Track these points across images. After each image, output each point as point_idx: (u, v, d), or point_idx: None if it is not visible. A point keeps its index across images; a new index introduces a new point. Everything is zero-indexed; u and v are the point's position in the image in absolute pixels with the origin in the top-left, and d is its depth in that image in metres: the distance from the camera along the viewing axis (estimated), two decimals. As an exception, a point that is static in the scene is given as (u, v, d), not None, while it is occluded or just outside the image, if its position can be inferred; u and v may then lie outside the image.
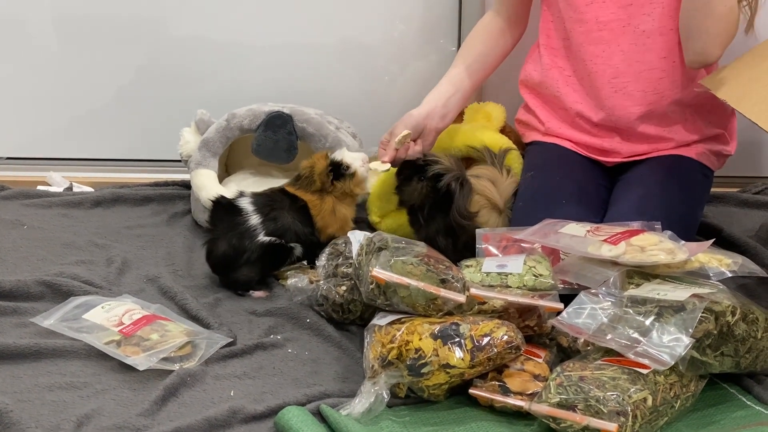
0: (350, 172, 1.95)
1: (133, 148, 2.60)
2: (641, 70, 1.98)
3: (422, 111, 2.02)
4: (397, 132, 1.97)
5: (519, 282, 1.68)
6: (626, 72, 1.99)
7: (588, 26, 1.98)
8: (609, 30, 1.97)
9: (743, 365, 1.51)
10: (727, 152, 2.11)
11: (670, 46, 1.96)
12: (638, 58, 1.97)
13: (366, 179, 2.00)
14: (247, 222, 1.89)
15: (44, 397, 1.52)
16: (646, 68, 1.98)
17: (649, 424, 1.40)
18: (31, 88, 2.55)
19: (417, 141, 2.01)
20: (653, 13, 1.94)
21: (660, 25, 1.94)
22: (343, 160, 1.95)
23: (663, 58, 1.97)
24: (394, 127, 1.99)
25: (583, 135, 2.09)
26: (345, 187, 1.96)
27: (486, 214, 1.96)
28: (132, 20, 2.49)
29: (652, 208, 1.87)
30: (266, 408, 1.50)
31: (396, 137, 1.95)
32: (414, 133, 1.99)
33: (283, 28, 2.51)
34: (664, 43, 1.95)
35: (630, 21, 1.96)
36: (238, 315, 1.83)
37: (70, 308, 1.75)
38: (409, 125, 1.98)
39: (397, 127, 1.98)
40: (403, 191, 1.99)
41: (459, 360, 1.49)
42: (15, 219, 2.22)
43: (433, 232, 1.95)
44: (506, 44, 2.15)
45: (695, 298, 1.46)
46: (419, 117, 2.01)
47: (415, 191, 1.96)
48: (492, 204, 1.97)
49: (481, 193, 1.97)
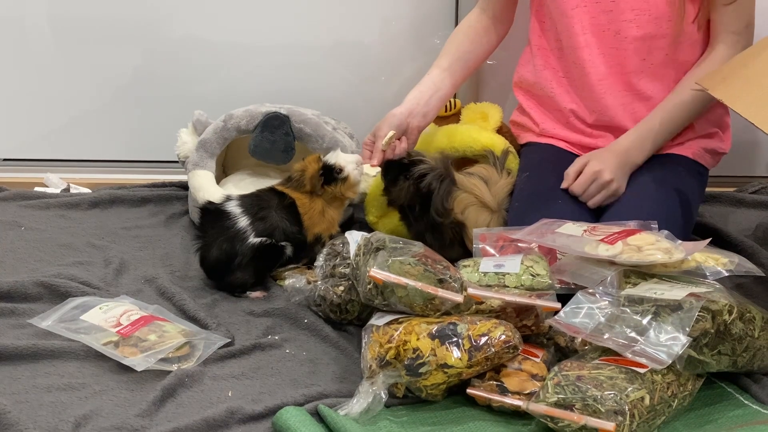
0: (342, 176, 1.95)
1: (130, 149, 2.60)
2: (624, 74, 2.00)
3: (404, 110, 2.03)
4: (381, 133, 1.98)
5: (516, 282, 1.69)
6: (610, 75, 2.01)
7: (574, 30, 2.00)
8: (591, 34, 1.99)
9: (740, 364, 1.51)
10: (722, 150, 2.11)
11: (651, 51, 1.98)
12: (619, 61, 2.00)
13: (359, 183, 2.00)
14: (236, 225, 1.89)
15: (42, 398, 1.52)
16: (627, 72, 2.00)
17: (646, 423, 1.40)
18: (27, 89, 2.55)
19: (401, 139, 2.02)
20: (634, 20, 1.96)
21: (640, 32, 1.96)
22: (336, 164, 1.95)
23: (642, 60, 1.99)
24: (377, 128, 2.00)
25: (578, 135, 2.09)
26: (336, 191, 1.96)
27: (474, 212, 1.96)
28: (129, 21, 2.49)
29: (648, 207, 1.87)
30: (264, 408, 1.50)
31: (381, 139, 1.96)
32: (398, 133, 2.00)
33: (280, 29, 2.51)
34: (646, 48, 1.97)
35: (609, 26, 1.97)
36: (236, 315, 1.83)
37: (68, 309, 1.75)
38: (393, 125, 1.99)
39: (381, 128, 1.99)
40: (390, 192, 2.00)
41: (457, 360, 1.49)
42: (12, 220, 2.22)
43: (422, 230, 1.97)
44: (490, 42, 2.16)
45: (692, 297, 1.46)
46: (402, 116, 2.01)
47: (402, 191, 1.97)
48: (481, 202, 1.97)
49: (470, 191, 1.97)
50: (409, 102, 2.05)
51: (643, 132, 1.97)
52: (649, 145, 1.97)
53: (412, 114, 2.04)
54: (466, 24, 2.17)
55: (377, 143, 1.97)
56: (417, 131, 2.06)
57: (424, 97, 2.06)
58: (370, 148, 1.99)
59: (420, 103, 2.05)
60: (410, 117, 2.03)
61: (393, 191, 1.99)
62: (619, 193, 1.92)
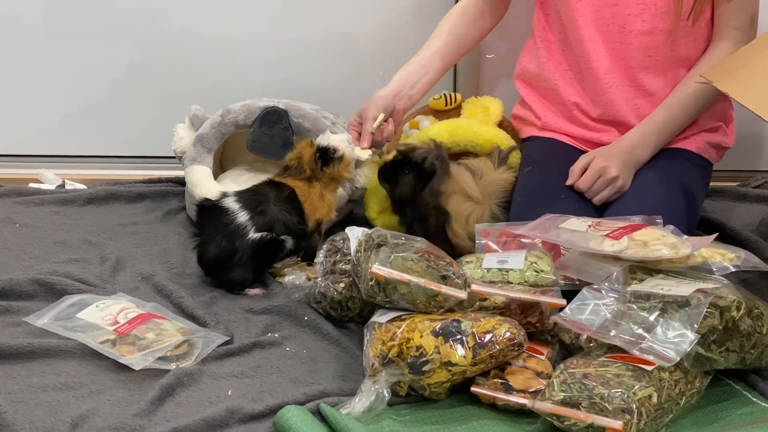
0: (338, 155, 1.94)
1: (126, 145, 2.59)
2: (628, 68, 1.99)
3: (390, 92, 2.04)
4: (368, 115, 1.99)
5: (520, 278, 1.67)
6: (615, 70, 2.00)
7: (577, 23, 1.99)
8: (595, 27, 1.98)
9: (748, 361, 1.50)
10: (726, 144, 2.10)
11: (657, 46, 1.96)
12: (624, 56, 1.98)
13: (353, 161, 1.99)
14: (235, 221, 1.87)
15: (38, 398, 1.50)
16: (632, 66, 1.99)
17: (654, 422, 1.39)
18: (22, 84, 2.53)
19: (389, 120, 2.04)
20: (639, 14, 1.95)
21: (646, 26, 1.95)
22: (329, 145, 1.94)
23: (648, 57, 1.98)
24: (363, 109, 2.01)
25: (581, 129, 2.08)
26: (334, 171, 1.95)
27: (456, 200, 1.94)
28: (124, 16, 2.48)
29: (652, 202, 1.86)
30: (265, 407, 1.48)
31: (369, 121, 1.98)
32: (385, 114, 2.01)
33: (277, 23, 2.50)
34: (651, 42, 1.96)
35: (614, 20, 1.96)
36: (235, 313, 1.81)
37: (64, 307, 1.73)
38: (380, 107, 2.01)
39: (368, 109, 2.00)
40: (395, 192, 1.99)
41: (461, 357, 1.47)
42: (7, 217, 2.20)
43: (411, 219, 1.97)
44: (484, 27, 2.16)
45: (700, 293, 1.44)
46: (388, 98, 2.03)
47: (406, 186, 1.96)
48: (463, 192, 1.95)
49: (454, 178, 1.96)
50: (395, 83, 2.06)
51: (648, 128, 1.95)
52: (654, 141, 1.95)
53: (399, 96, 2.05)
54: (460, 6, 2.16)
55: (365, 125, 1.99)
56: (402, 113, 2.08)
57: (411, 79, 2.07)
58: (357, 130, 2.01)
59: (407, 86, 2.06)
60: (396, 99, 2.04)
61: (398, 191, 1.97)
62: (624, 190, 1.91)
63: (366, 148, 1.99)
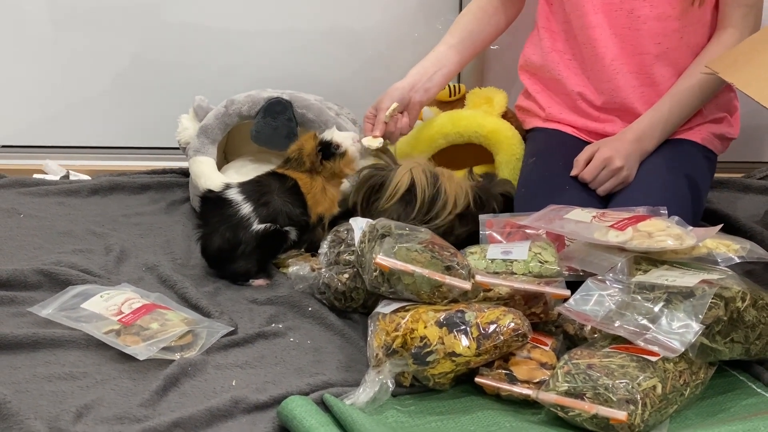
0: (341, 151, 1.93)
1: (130, 136, 2.58)
2: (636, 54, 1.98)
3: (406, 84, 2.05)
4: (383, 105, 2.00)
5: (524, 269, 1.67)
6: (622, 56, 1.98)
7: (584, 9, 1.98)
8: (603, 14, 1.97)
9: (753, 352, 1.49)
10: (730, 135, 2.09)
11: (666, 32, 1.95)
12: (632, 42, 1.97)
13: (357, 158, 1.98)
14: (239, 213, 1.86)
15: (43, 388, 1.50)
16: (640, 53, 1.97)
17: (658, 412, 1.38)
18: (26, 75, 2.53)
19: (403, 113, 2.04)
20: None
21: (655, 11, 1.93)
22: (333, 140, 1.93)
23: (657, 44, 1.96)
24: (378, 100, 2.02)
25: (585, 120, 2.07)
26: (335, 167, 1.94)
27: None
28: (128, 7, 2.47)
29: (657, 192, 1.85)
30: (269, 398, 1.48)
31: (383, 111, 1.99)
32: (400, 106, 2.01)
33: (281, 13, 2.49)
34: (660, 28, 1.95)
35: (622, 5, 1.95)
36: (239, 303, 1.81)
37: (69, 297, 1.73)
38: (395, 98, 2.01)
39: (383, 100, 2.01)
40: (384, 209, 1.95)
41: (465, 348, 1.47)
42: (11, 207, 2.20)
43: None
44: (499, 23, 2.16)
45: (705, 284, 1.44)
46: (404, 90, 2.03)
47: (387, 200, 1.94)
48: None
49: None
50: (412, 76, 2.06)
51: (653, 119, 1.94)
52: (659, 132, 1.94)
53: (415, 88, 2.04)
54: (476, 3, 2.16)
55: (379, 115, 2.00)
56: (419, 106, 2.08)
57: (428, 72, 2.07)
58: (371, 121, 2.02)
59: (423, 78, 2.06)
60: (412, 91, 2.04)
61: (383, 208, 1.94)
62: (629, 181, 1.90)
63: (378, 135, 1.99)
